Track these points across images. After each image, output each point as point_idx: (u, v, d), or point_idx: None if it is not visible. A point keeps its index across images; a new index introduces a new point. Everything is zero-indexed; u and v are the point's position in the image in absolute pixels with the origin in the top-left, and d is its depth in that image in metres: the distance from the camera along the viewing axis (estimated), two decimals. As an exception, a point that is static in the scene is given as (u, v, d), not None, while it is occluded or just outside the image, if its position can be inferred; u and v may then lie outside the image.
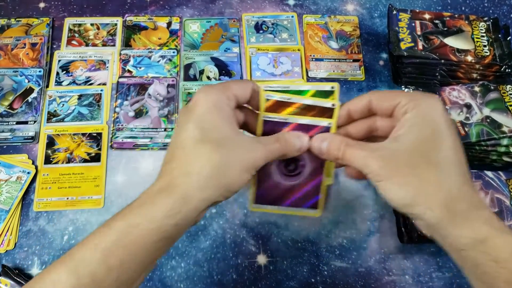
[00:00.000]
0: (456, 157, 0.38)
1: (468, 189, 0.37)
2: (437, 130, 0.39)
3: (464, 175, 0.38)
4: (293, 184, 0.50)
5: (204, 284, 0.57)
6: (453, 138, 0.39)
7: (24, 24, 0.73)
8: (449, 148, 0.38)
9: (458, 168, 0.38)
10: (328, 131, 0.45)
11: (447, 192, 0.37)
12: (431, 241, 0.55)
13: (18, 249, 0.58)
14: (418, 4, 0.77)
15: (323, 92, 0.48)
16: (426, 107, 0.39)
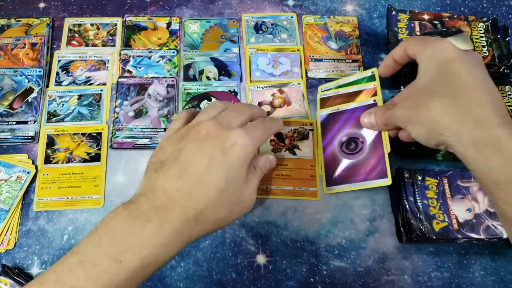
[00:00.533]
0: (465, 85, 0.45)
1: (479, 110, 0.44)
2: (443, 68, 0.47)
3: (468, 94, 0.45)
4: (357, 161, 0.59)
5: (203, 283, 0.57)
6: (463, 71, 0.46)
7: (24, 24, 0.73)
8: (457, 81, 0.45)
9: (468, 94, 0.45)
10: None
11: (454, 117, 0.45)
12: (430, 241, 0.56)
13: (18, 248, 0.58)
14: (417, 4, 0.77)
15: (365, 78, 0.62)
16: (434, 51, 0.48)
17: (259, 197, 0.62)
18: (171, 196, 0.42)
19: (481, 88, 0.45)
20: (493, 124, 0.43)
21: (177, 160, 0.43)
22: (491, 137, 0.42)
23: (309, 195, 0.62)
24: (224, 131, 0.45)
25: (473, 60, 0.47)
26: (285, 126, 0.65)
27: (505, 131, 0.42)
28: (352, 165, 0.59)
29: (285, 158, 0.63)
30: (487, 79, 0.46)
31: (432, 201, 0.58)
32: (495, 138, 0.42)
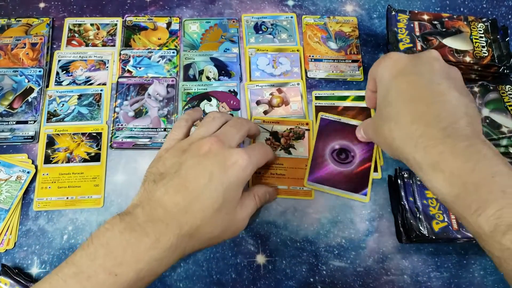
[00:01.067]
0: (407, 103, 0.45)
1: (421, 128, 0.43)
2: (388, 89, 0.47)
3: (410, 112, 0.44)
4: (344, 170, 0.62)
5: (203, 283, 0.57)
6: (405, 88, 0.46)
7: (24, 24, 0.73)
8: (401, 99, 0.45)
9: (410, 112, 0.44)
10: None
11: (400, 140, 0.45)
12: (429, 241, 0.56)
13: (17, 248, 0.58)
14: (416, 5, 0.77)
15: (360, 97, 0.68)
16: (381, 71, 0.49)
17: (259, 197, 0.62)
18: (169, 210, 0.42)
19: (425, 100, 0.44)
20: (436, 142, 0.41)
21: (177, 174, 0.44)
22: (431, 157, 0.41)
23: (303, 195, 0.62)
24: (226, 150, 0.45)
25: (417, 70, 0.47)
26: (282, 126, 0.65)
27: (447, 146, 0.40)
28: (338, 172, 0.62)
29: (280, 157, 0.63)
30: (433, 86, 0.45)
31: (431, 201, 0.58)
32: (436, 157, 0.41)
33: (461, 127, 0.42)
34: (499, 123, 0.60)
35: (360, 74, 0.71)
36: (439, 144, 0.41)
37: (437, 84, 0.45)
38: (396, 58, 0.48)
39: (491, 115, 0.61)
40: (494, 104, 0.62)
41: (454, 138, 0.41)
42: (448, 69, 0.49)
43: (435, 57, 0.49)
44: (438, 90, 0.44)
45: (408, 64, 0.47)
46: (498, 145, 0.60)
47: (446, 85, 0.45)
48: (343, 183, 0.61)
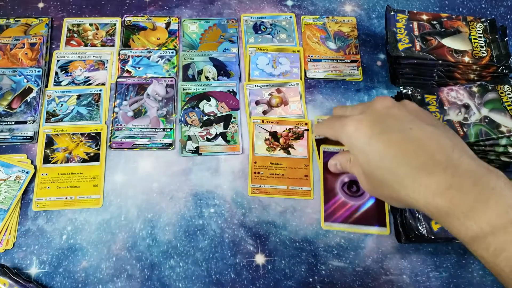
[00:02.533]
0: (391, 163, 0.45)
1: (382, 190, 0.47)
2: (364, 155, 0.47)
3: (405, 171, 0.44)
4: (358, 204, 0.61)
5: (202, 283, 0.57)
6: (379, 151, 0.45)
7: (23, 24, 0.73)
8: (380, 163, 0.45)
9: (399, 167, 0.44)
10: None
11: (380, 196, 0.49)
12: (428, 241, 0.56)
13: (16, 248, 0.58)
14: (415, 5, 0.78)
15: None
16: (347, 141, 0.49)
17: (253, 196, 0.62)
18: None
19: (410, 152, 0.44)
20: (443, 189, 0.41)
21: None
22: (443, 204, 0.41)
23: (302, 195, 0.62)
24: None
25: (384, 125, 0.47)
26: (281, 126, 0.65)
27: (454, 190, 0.41)
28: (352, 207, 0.61)
29: (279, 157, 0.63)
30: (408, 134, 0.45)
31: None
32: (447, 204, 0.41)
33: (458, 160, 0.42)
34: (498, 122, 0.61)
35: (359, 74, 0.71)
36: (447, 190, 0.41)
37: (409, 129, 0.45)
38: (356, 123, 0.48)
39: (490, 114, 0.61)
40: (493, 104, 0.62)
41: (458, 177, 0.41)
42: (407, 108, 0.49)
43: (389, 105, 0.49)
44: (414, 135, 0.45)
45: (372, 124, 0.47)
46: (497, 144, 0.60)
47: (417, 126, 0.46)
48: (360, 219, 0.60)
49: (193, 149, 0.64)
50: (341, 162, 0.56)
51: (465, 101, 0.63)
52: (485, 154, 0.61)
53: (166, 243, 0.59)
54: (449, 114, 0.62)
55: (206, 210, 0.61)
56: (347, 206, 0.60)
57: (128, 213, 0.60)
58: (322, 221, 0.60)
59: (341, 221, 0.60)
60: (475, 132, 0.60)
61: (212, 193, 0.62)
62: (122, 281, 0.56)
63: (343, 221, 0.60)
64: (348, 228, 0.60)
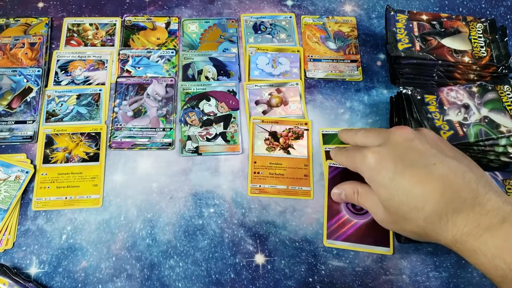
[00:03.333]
0: (417, 200, 0.45)
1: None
2: (387, 192, 0.47)
3: (433, 208, 0.44)
4: (361, 222, 0.60)
5: (202, 283, 0.57)
6: (405, 188, 0.45)
7: (23, 23, 0.73)
8: (406, 199, 0.45)
9: (426, 205, 0.45)
10: None
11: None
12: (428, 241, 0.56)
13: (16, 248, 0.58)
14: (415, 5, 0.78)
15: None
16: (368, 175, 0.49)
17: (253, 196, 0.62)
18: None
19: (436, 189, 0.44)
20: (470, 227, 0.42)
21: None
22: (471, 243, 0.41)
23: (302, 195, 0.62)
24: None
25: (407, 160, 0.47)
26: (281, 126, 0.65)
27: (482, 228, 0.41)
28: (356, 225, 0.60)
29: (279, 157, 0.63)
30: (432, 170, 0.45)
31: None
32: (475, 242, 0.41)
33: (484, 197, 0.42)
34: (497, 122, 0.61)
35: (359, 74, 0.71)
36: (475, 229, 0.41)
37: (433, 165, 0.45)
38: (378, 156, 0.48)
39: (489, 114, 0.61)
40: (492, 104, 0.62)
41: (486, 215, 0.41)
42: (427, 140, 0.49)
43: (410, 137, 0.48)
44: (439, 172, 0.45)
45: (395, 159, 0.47)
46: (497, 144, 0.60)
47: (440, 161, 0.45)
48: (364, 237, 0.59)
49: (193, 149, 0.64)
50: (346, 193, 0.56)
51: (465, 101, 0.63)
52: (485, 154, 0.61)
53: (165, 243, 0.59)
54: (449, 114, 0.62)
55: (205, 210, 0.61)
56: (350, 223, 0.60)
57: (128, 213, 0.60)
58: (325, 239, 0.59)
59: (344, 239, 0.59)
60: (474, 132, 0.60)
61: (212, 193, 0.62)
62: (122, 281, 0.56)
63: (345, 239, 0.59)
64: (350, 246, 0.59)
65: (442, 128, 0.60)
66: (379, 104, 0.69)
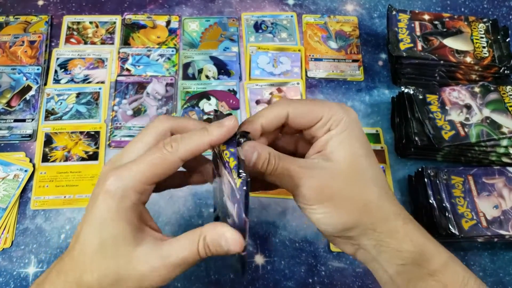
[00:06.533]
0: (380, 170, 0.37)
1: (389, 202, 0.37)
2: (363, 146, 0.37)
3: (386, 187, 0.37)
4: None
5: (201, 283, 0.56)
6: (372, 152, 0.37)
7: (22, 21, 0.73)
8: (374, 163, 0.37)
9: (384, 182, 0.37)
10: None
11: (388, 202, 0.36)
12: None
13: (14, 247, 0.58)
14: (417, 5, 0.77)
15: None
16: (349, 122, 0.36)
17: (253, 196, 0.61)
18: (70, 256, 0.35)
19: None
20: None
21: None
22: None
23: None
24: (105, 172, 0.34)
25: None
26: None
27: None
28: None
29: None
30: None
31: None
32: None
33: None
34: (499, 123, 0.60)
35: (360, 74, 0.70)
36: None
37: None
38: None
39: (491, 115, 0.61)
40: (494, 104, 0.62)
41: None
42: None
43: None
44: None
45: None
46: (498, 145, 0.60)
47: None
48: None
49: (193, 148, 0.64)
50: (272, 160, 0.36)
51: (467, 102, 0.63)
52: (486, 155, 0.61)
53: (165, 242, 0.58)
54: (451, 114, 0.61)
55: (205, 210, 0.61)
56: None
57: (127, 212, 0.60)
58: (331, 244, 0.59)
59: None
60: (476, 132, 0.60)
61: (212, 192, 0.62)
62: (121, 280, 0.56)
63: None
64: None
65: (444, 128, 0.60)
66: (380, 104, 0.68)
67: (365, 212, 0.35)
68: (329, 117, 0.36)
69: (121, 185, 0.33)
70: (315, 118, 0.36)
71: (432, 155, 0.63)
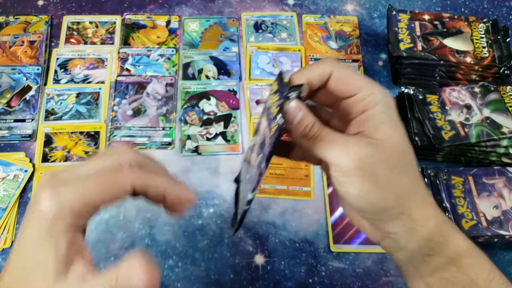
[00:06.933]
0: (415, 156, 0.36)
1: (425, 189, 0.36)
2: (402, 130, 0.36)
3: (420, 174, 0.36)
4: None
5: (201, 283, 0.56)
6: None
7: (22, 21, 0.73)
8: (411, 148, 0.36)
9: (418, 168, 0.36)
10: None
11: (422, 192, 0.35)
12: None
13: (14, 247, 0.58)
14: (417, 5, 0.77)
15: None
16: (388, 104, 0.35)
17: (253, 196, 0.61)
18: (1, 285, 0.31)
19: None
20: None
21: None
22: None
23: (303, 195, 0.61)
24: (42, 188, 0.29)
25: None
26: None
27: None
28: None
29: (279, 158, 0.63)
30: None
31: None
32: None
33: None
34: (499, 123, 0.60)
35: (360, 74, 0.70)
36: None
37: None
38: None
39: (491, 115, 0.61)
40: (494, 104, 0.62)
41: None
42: None
43: None
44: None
45: None
46: (498, 145, 0.60)
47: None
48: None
49: (193, 148, 0.64)
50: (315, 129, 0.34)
51: (467, 102, 0.63)
52: (486, 155, 0.61)
53: (164, 243, 0.58)
54: (451, 114, 0.61)
55: (205, 210, 0.60)
56: (355, 226, 0.59)
57: (127, 213, 0.60)
58: (331, 244, 0.59)
59: (351, 242, 0.59)
60: (476, 132, 0.60)
61: (212, 193, 0.62)
62: (121, 281, 0.56)
63: (352, 243, 0.59)
64: (358, 249, 0.58)
65: (444, 128, 0.60)
66: (380, 104, 0.68)
67: (403, 194, 0.34)
68: (368, 94, 0.35)
69: (57, 203, 0.28)
70: (354, 89, 0.35)
71: (432, 155, 0.63)
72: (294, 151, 0.39)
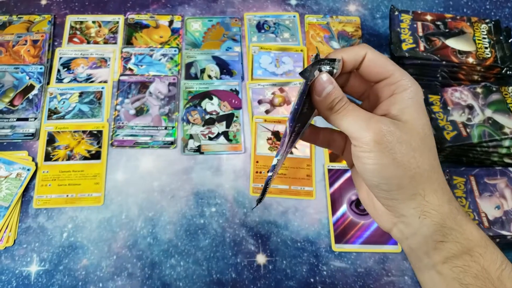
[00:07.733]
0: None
1: (442, 176, 0.36)
2: (427, 116, 0.36)
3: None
4: (367, 222, 0.59)
5: (203, 282, 0.57)
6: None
7: (25, 21, 0.73)
8: (433, 135, 0.37)
9: (437, 156, 0.37)
10: None
11: (439, 179, 0.36)
12: None
13: (17, 246, 0.58)
14: (420, 5, 0.77)
15: None
16: (416, 91, 0.36)
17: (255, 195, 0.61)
18: None
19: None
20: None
21: None
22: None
23: (304, 195, 0.61)
24: None
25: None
26: (283, 125, 0.65)
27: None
28: (362, 226, 0.60)
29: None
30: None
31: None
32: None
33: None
34: (501, 124, 0.60)
35: (362, 74, 0.70)
36: None
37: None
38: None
39: (493, 116, 0.61)
40: (496, 105, 0.62)
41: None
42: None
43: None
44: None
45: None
46: (500, 146, 0.60)
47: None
48: (371, 237, 0.59)
49: (195, 148, 0.64)
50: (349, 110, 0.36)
51: (469, 102, 0.63)
52: (488, 155, 0.61)
53: (167, 242, 0.59)
54: (453, 114, 0.62)
55: (207, 209, 0.61)
56: (357, 226, 0.59)
57: (129, 212, 0.60)
58: (333, 243, 0.59)
59: (352, 242, 0.59)
60: (478, 133, 0.60)
61: (214, 192, 0.62)
62: (123, 279, 0.56)
63: (353, 242, 0.59)
64: (360, 248, 0.59)
65: (446, 129, 0.60)
66: (382, 104, 0.68)
67: (419, 176, 0.34)
68: (398, 79, 0.36)
69: None
70: (386, 71, 0.36)
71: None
72: (320, 137, 0.40)
